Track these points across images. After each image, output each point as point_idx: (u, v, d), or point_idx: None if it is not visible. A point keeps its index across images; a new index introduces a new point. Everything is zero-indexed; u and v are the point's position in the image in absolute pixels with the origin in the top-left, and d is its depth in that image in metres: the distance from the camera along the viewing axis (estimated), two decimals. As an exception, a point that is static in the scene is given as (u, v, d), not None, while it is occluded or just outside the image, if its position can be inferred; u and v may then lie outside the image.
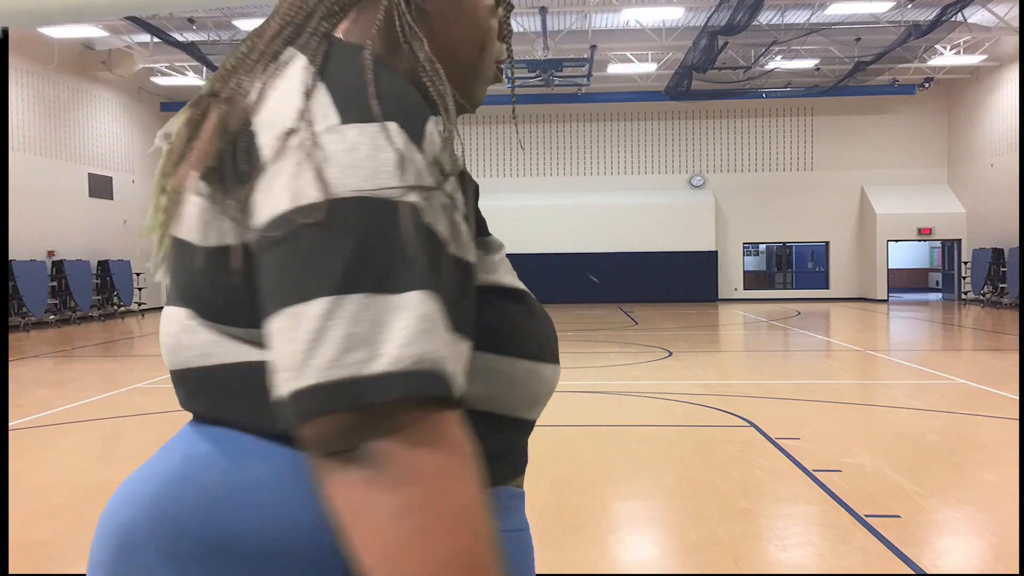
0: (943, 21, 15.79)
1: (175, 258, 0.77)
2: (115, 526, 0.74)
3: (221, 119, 0.72)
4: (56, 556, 3.88)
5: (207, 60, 18.31)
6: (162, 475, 0.74)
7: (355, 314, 0.61)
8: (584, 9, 17.94)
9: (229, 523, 0.69)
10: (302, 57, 0.72)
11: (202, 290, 0.74)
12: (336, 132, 0.65)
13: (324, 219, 0.62)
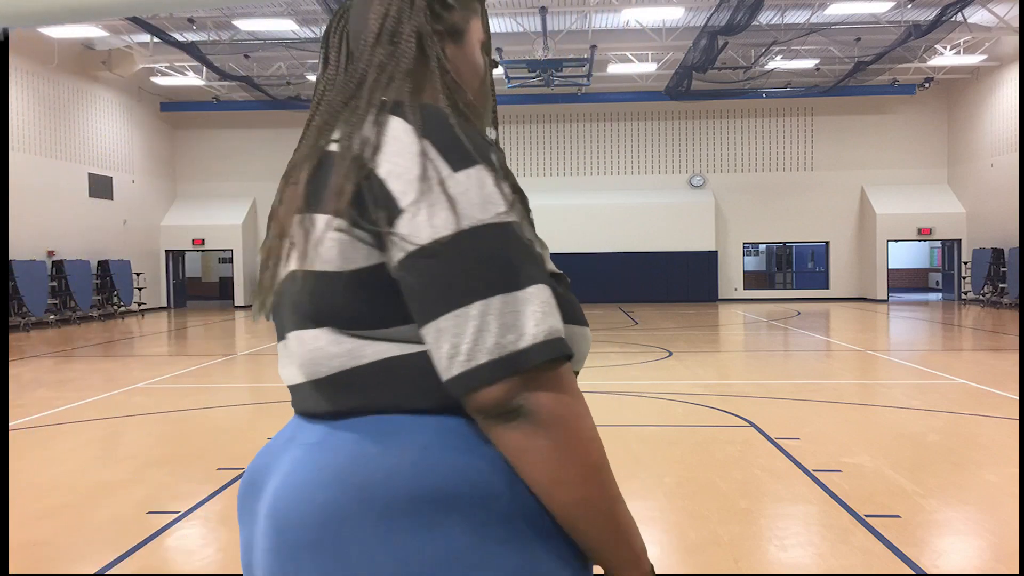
0: (943, 21, 15.79)
1: (305, 289, 0.96)
2: (314, 506, 0.90)
3: (346, 172, 0.93)
4: (56, 556, 3.88)
5: (207, 60, 18.31)
6: (346, 457, 0.92)
7: (501, 309, 0.88)
8: (584, 9, 17.94)
9: (420, 481, 0.89)
10: (399, 120, 0.94)
11: (341, 308, 0.95)
12: (452, 179, 0.90)
13: (461, 246, 0.88)
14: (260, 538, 0.96)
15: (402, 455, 0.91)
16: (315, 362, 0.97)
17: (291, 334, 1.00)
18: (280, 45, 18.40)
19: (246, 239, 25.52)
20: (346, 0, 1.15)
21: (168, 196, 25.82)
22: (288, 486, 0.93)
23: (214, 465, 5.50)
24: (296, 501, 0.92)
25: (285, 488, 0.94)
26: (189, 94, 24.35)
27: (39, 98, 19.32)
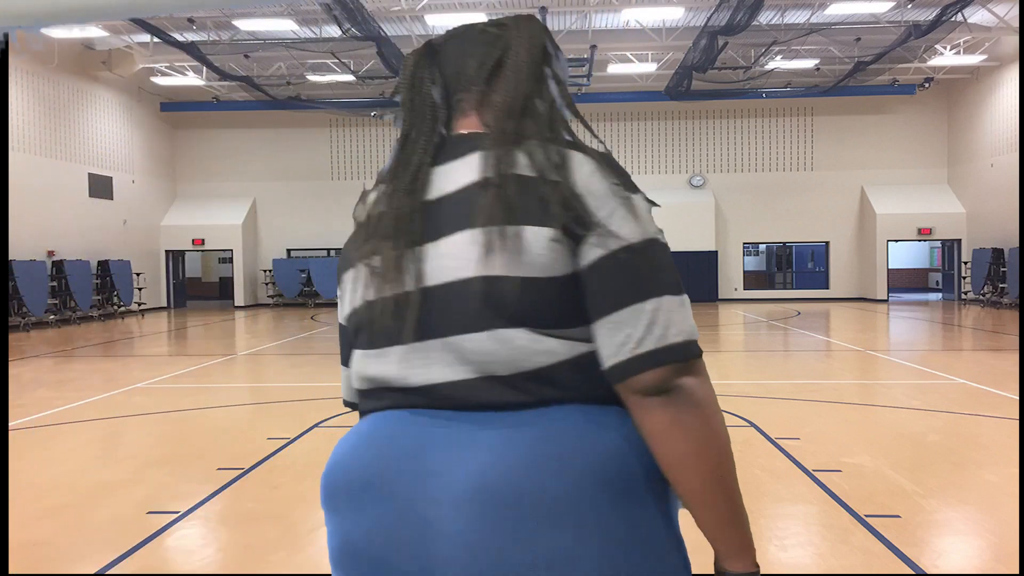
0: (943, 21, 15.78)
1: (510, 293, 1.07)
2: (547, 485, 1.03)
3: (551, 191, 1.10)
4: (56, 556, 3.88)
5: (207, 60, 18.31)
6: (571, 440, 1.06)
7: (669, 307, 1.07)
8: (584, 9, 17.94)
9: (638, 459, 1.08)
10: (578, 152, 1.14)
11: (543, 310, 1.08)
12: (633, 199, 1.12)
13: (644, 252, 1.09)
14: (453, 522, 1.03)
15: (616, 438, 1.08)
16: (514, 359, 1.08)
17: (494, 331, 1.08)
18: (280, 45, 18.39)
19: (246, 239, 25.52)
20: (435, 39, 1.35)
21: (168, 196, 25.82)
22: (510, 470, 1.04)
23: (214, 465, 5.51)
24: (526, 482, 1.03)
25: (503, 471, 1.04)
26: (189, 94, 24.35)
27: (39, 98, 19.32)
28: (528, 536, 1.01)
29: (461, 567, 1.03)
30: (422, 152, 1.20)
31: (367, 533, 1.10)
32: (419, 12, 17.62)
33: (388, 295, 1.14)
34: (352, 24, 15.29)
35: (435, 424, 1.11)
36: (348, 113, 24.12)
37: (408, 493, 1.08)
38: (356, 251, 1.22)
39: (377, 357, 1.16)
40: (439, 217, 1.14)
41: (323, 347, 13.70)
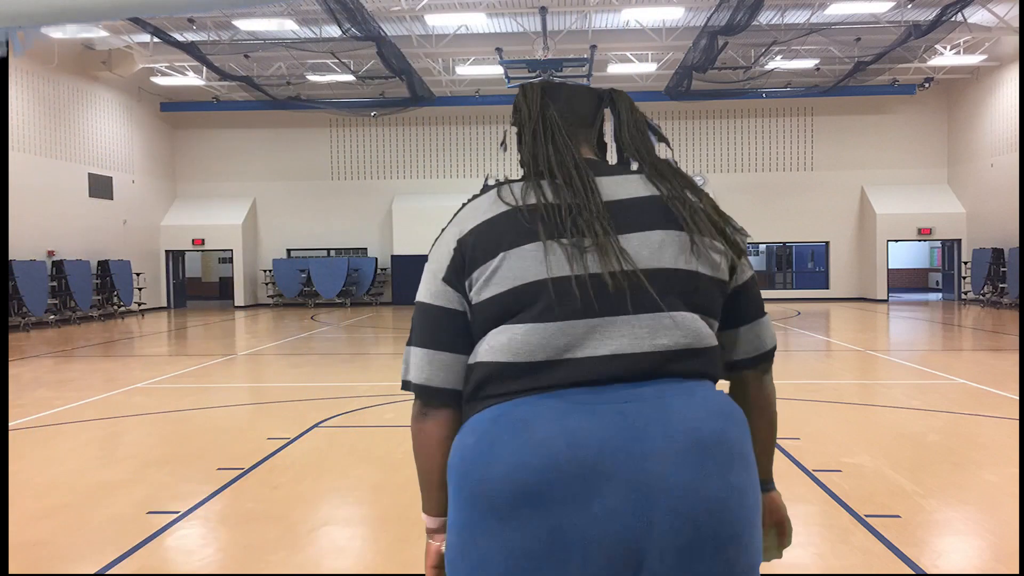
0: (943, 21, 15.78)
1: (705, 287, 1.38)
2: (735, 433, 1.32)
3: (724, 219, 1.45)
4: (56, 556, 3.88)
5: (207, 60, 18.30)
6: (729, 402, 1.37)
7: (769, 318, 1.53)
8: (584, 9, 17.94)
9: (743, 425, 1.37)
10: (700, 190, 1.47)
11: (707, 302, 1.38)
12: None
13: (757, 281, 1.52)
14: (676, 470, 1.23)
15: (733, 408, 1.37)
16: (699, 338, 1.36)
17: (676, 313, 1.34)
18: (280, 45, 18.39)
19: (246, 239, 25.52)
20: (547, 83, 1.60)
21: (168, 196, 25.82)
22: (712, 424, 1.30)
23: (214, 465, 5.50)
24: (721, 433, 1.29)
25: (709, 426, 1.30)
26: (189, 94, 24.35)
27: (39, 98, 19.32)
28: (723, 472, 1.26)
29: (680, 505, 1.22)
30: (577, 162, 1.43)
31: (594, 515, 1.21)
32: (419, 12, 17.62)
33: (601, 271, 1.31)
34: (352, 24, 15.29)
35: (639, 396, 1.29)
36: (348, 113, 24.12)
37: (633, 462, 1.23)
38: (522, 232, 1.34)
39: (584, 328, 1.31)
40: (624, 216, 1.37)
41: (323, 347, 13.70)
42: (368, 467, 5.53)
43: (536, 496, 1.22)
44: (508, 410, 1.29)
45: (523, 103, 1.54)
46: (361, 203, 26.03)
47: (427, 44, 19.67)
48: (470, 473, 1.28)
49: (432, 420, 1.41)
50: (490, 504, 1.24)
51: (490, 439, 1.27)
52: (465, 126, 26.03)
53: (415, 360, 1.40)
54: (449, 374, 1.38)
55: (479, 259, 1.35)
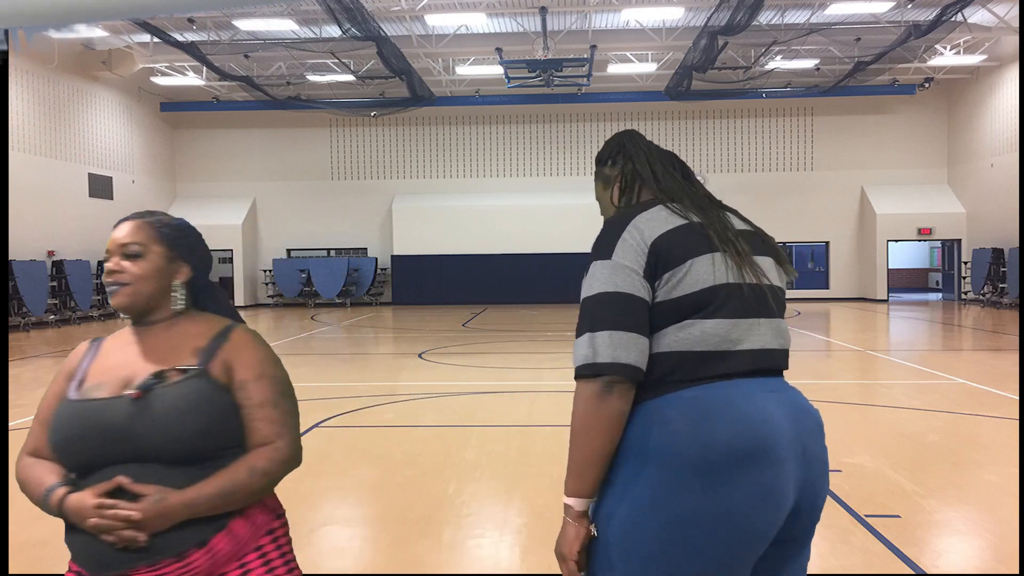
0: (943, 21, 15.78)
1: (783, 298, 1.76)
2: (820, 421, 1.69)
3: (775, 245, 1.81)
4: (56, 556, 3.88)
5: (207, 60, 18.30)
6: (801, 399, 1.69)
7: None
8: (584, 9, 17.94)
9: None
10: None
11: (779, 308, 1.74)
12: None
13: None
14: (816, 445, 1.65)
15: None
16: (789, 341, 1.74)
17: (778, 319, 1.71)
18: (280, 45, 18.40)
19: (246, 239, 25.53)
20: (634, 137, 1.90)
21: (168, 196, 25.82)
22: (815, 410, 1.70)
23: (214, 465, 5.50)
24: (819, 416, 1.70)
25: (816, 411, 1.70)
26: (189, 94, 24.35)
27: (39, 98, 19.32)
28: (825, 445, 1.69)
29: (822, 470, 1.65)
30: (705, 194, 1.78)
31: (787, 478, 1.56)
32: (419, 12, 17.62)
33: (752, 283, 1.66)
34: (352, 24, 15.29)
35: (776, 387, 1.65)
36: (348, 113, 24.12)
37: (799, 439, 1.60)
38: (701, 244, 1.64)
39: (745, 326, 1.64)
40: (746, 241, 1.71)
41: (323, 347, 13.70)
42: (368, 467, 5.53)
43: (747, 460, 1.52)
44: (707, 391, 1.58)
45: (630, 143, 1.87)
46: (361, 203, 26.03)
47: (427, 44, 19.67)
48: (684, 442, 1.54)
49: (618, 396, 1.57)
50: (708, 468, 1.52)
51: (701, 414, 1.55)
52: (465, 126, 26.03)
53: (606, 341, 1.56)
54: (640, 354, 1.57)
55: (672, 262, 1.61)
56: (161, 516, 1.57)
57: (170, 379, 1.66)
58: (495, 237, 24.88)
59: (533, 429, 6.58)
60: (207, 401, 1.64)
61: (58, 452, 1.68)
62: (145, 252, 1.76)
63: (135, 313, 1.76)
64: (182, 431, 1.61)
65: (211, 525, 1.63)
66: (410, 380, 9.98)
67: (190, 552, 1.61)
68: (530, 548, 3.94)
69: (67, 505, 1.61)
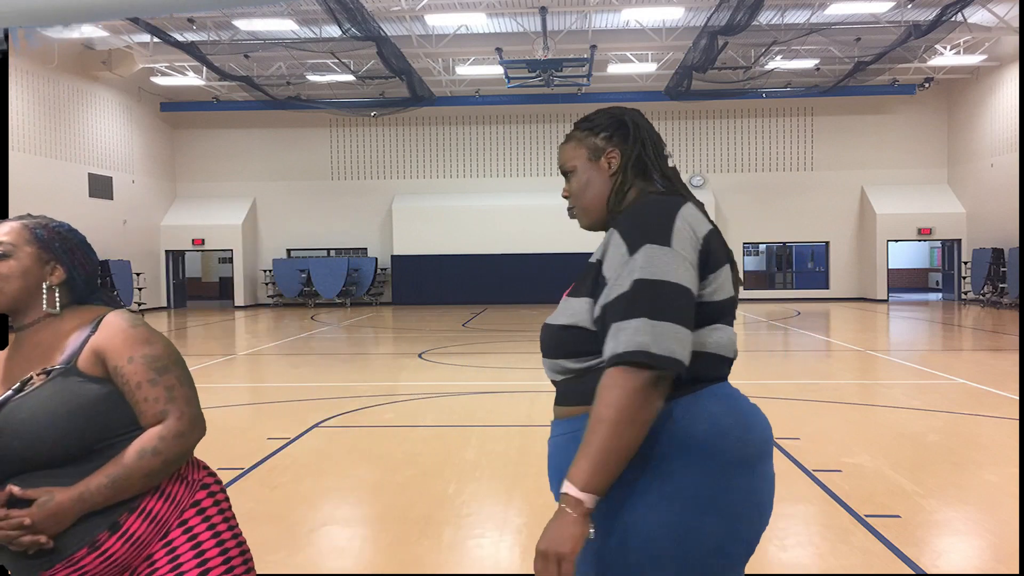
0: (943, 21, 15.78)
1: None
2: None
3: None
4: (56, 556, 3.88)
5: (207, 60, 18.30)
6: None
7: None
8: (584, 9, 17.94)
9: None
10: None
11: None
12: None
13: None
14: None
15: None
16: None
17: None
18: (280, 45, 18.39)
19: (246, 239, 25.52)
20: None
21: (168, 196, 25.82)
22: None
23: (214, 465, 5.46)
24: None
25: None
26: (189, 94, 24.35)
27: (39, 98, 19.32)
28: None
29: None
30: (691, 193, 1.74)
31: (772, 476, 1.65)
32: (419, 12, 17.62)
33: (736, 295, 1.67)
34: (352, 24, 15.29)
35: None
36: (348, 113, 24.12)
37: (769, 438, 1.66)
38: (725, 251, 1.64)
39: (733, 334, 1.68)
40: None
41: (323, 347, 13.70)
42: (368, 467, 5.53)
43: (766, 454, 1.62)
44: (729, 390, 1.63)
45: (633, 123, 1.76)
46: (361, 203, 26.03)
47: (427, 44, 19.66)
48: (731, 435, 1.56)
49: (662, 393, 1.51)
50: (746, 461, 1.56)
51: (739, 409, 1.61)
52: (465, 126, 26.03)
53: (669, 334, 1.47)
54: (688, 351, 1.51)
55: (713, 265, 1.60)
56: (53, 516, 1.57)
57: (34, 384, 1.64)
58: (495, 237, 24.88)
59: (533, 429, 6.58)
60: (74, 397, 1.62)
61: None
62: (14, 252, 1.72)
63: (5, 313, 1.74)
64: (50, 434, 1.59)
65: (121, 508, 1.62)
66: (410, 380, 9.99)
67: (103, 539, 1.61)
68: (530, 548, 3.93)
69: None
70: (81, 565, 1.60)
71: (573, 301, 1.64)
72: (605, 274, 1.56)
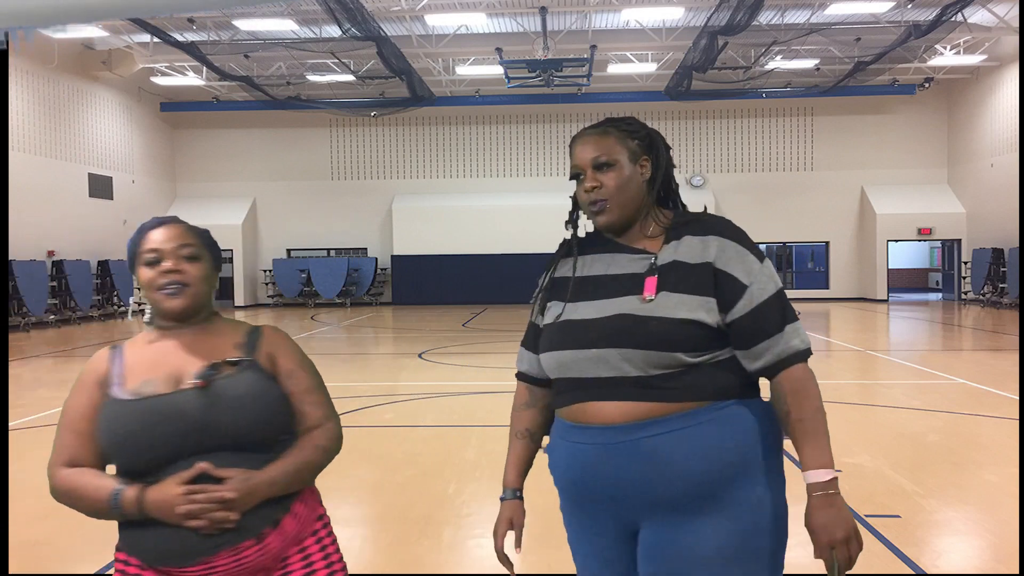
0: (943, 21, 15.78)
1: None
2: None
3: None
4: (56, 556, 3.88)
5: (207, 60, 18.30)
6: None
7: None
8: (584, 9, 17.94)
9: None
10: None
11: None
12: None
13: None
14: None
15: None
16: None
17: None
18: (280, 45, 18.39)
19: (246, 239, 25.52)
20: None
21: (168, 196, 25.82)
22: None
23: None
24: None
25: None
26: (189, 94, 24.35)
27: (39, 98, 19.32)
28: None
29: None
30: None
31: None
32: (419, 12, 17.62)
33: None
34: (352, 24, 15.29)
35: None
36: (348, 113, 24.12)
37: None
38: None
39: None
40: None
41: (323, 347, 13.70)
42: (368, 467, 5.53)
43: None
44: None
45: (662, 145, 1.83)
46: (361, 203, 26.03)
47: (427, 44, 19.67)
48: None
49: None
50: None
51: None
52: (465, 126, 26.03)
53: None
54: None
55: None
56: (250, 494, 1.64)
57: (224, 371, 1.72)
58: (495, 237, 24.88)
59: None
60: (265, 390, 1.74)
61: (118, 452, 1.68)
62: (201, 255, 1.81)
63: (187, 315, 1.79)
64: (252, 417, 1.70)
65: (280, 506, 1.71)
66: (410, 380, 9.99)
67: (266, 533, 1.68)
68: (530, 548, 3.94)
69: (148, 499, 1.62)
70: (243, 555, 1.65)
71: (684, 297, 1.67)
72: (738, 277, 1.68)
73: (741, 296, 1.67)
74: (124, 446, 1.66)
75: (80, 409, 1.72)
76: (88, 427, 1.70)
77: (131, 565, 1.70)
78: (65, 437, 1.73)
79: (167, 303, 1.75)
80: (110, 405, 1.69)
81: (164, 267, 1.75)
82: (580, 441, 1.71)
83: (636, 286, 1.71)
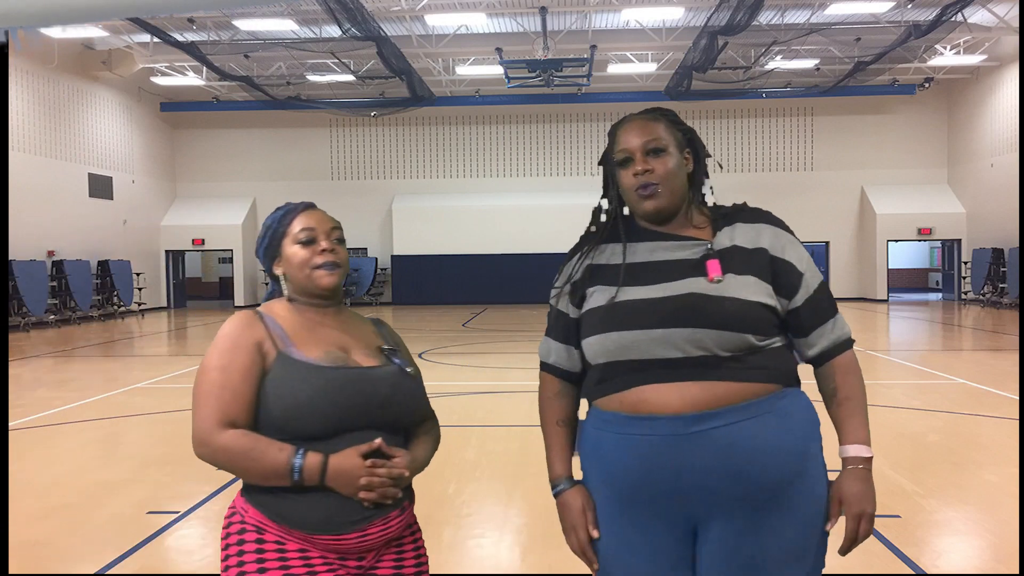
0: (943, 21, 15.77)
1: None
2: None
3: None
4: (56, 556, 3.88)
5: (207, 60, 18.30)
6: None
7: None
8: (584, 9, 17.94)
9: None
10: None
11: None
12: None
13: None
14: None
15: None
16: None
17: None
18: (280, 45, 18.39)
19: (246, 239, 25.52)
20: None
21: (168, 196, 25.82)
22: None
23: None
24: None
25: None
26: (189, 94, 24.35)
27: (39, 98, 19.32)
28: None
29: None
30: None
31: None
32: (419, 12, 17.62)
33: None
34: (352, 24, 15.29)
35: None
36: (348, 113, 24.12)
37: None
38: None
39: None
40: None
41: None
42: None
43: None
44: None
45: (700, 145, 1.90)
46: (361, 203, 26.02)
47: (427, 44, 19.67)
48: None
49: None
50: None
51: None
52: (465, 126, 26.03)
53: None
54: None
55: None
56: (413, 473, 1.77)
57: (397, 356, 1.85)
58: (495, 237, 24.88)
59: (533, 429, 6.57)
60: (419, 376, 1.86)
61: (298, 414, 1.66)
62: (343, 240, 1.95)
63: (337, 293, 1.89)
64: (421, 401, 1.84)
65: (407, 488, 1.81)
66: (410, 380, 9.97)
67: (406, 506, 1.80)
68: (530, 548, 3.94)
69: (332, 466, 1.64)
70: (389, 525, 1.74)
71: (750, 279, 1.69)
72: (795, 264, 1.74)
73: (800, 284, 1.73)
74: (307, 407, 1.65)
75: (242, 369, 1.68)
76: (249, 388, 1.68)
77: (268, 531, 1.73)
78: (224, 396, 1.66)
79: (324, 279, 1.81)
80: (294, 366, 1.68)
81: (323, 246, 1.83)
82: (641, 433, 1.61)
83: (695, 269, 1.68)
